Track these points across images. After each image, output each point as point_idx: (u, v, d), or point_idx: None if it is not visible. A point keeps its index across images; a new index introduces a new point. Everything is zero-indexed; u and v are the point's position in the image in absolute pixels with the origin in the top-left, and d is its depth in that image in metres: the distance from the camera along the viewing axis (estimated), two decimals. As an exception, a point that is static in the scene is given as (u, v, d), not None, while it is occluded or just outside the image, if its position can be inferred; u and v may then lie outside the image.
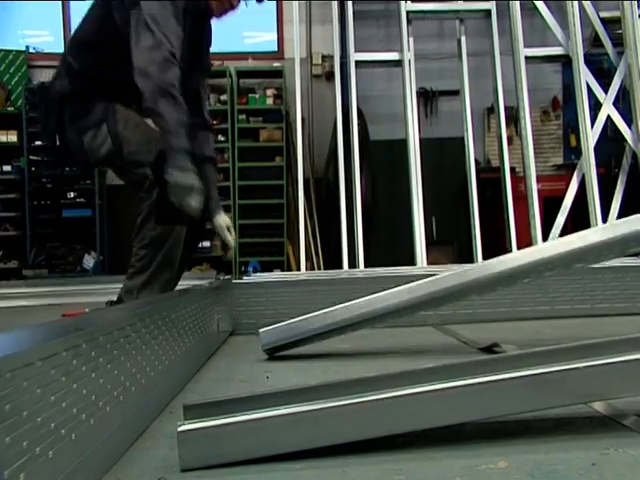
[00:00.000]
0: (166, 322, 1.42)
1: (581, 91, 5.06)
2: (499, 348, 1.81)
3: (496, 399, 0.90)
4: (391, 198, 6.40)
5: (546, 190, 5.66)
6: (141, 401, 1.15)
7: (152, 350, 1.26)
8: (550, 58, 5.56)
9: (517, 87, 5.24)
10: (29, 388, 0.70)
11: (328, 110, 6.36)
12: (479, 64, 6.04)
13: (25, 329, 0.87)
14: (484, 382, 0.89)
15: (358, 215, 5.08)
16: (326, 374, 1.62)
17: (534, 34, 5.86)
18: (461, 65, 5.38)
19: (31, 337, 0.79)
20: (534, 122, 5.95)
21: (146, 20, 1.88)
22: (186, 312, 1.66)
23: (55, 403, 0.77)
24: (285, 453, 0.89)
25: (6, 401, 0.64)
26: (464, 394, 0.90)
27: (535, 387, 0.89)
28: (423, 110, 6.91)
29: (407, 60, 5.33)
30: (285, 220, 6.53)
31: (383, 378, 0.97)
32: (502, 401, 0.90)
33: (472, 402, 0.90)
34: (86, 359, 0.88)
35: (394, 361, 1.79)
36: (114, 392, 1.00)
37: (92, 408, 0.89)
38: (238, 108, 6.74)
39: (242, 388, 1.49)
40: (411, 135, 5.22)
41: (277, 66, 6.74)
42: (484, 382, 0.89)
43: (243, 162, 6.68)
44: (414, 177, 5.15)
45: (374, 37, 6.62)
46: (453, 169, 6.34)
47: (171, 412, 1.24)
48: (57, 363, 0.78)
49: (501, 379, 0.89)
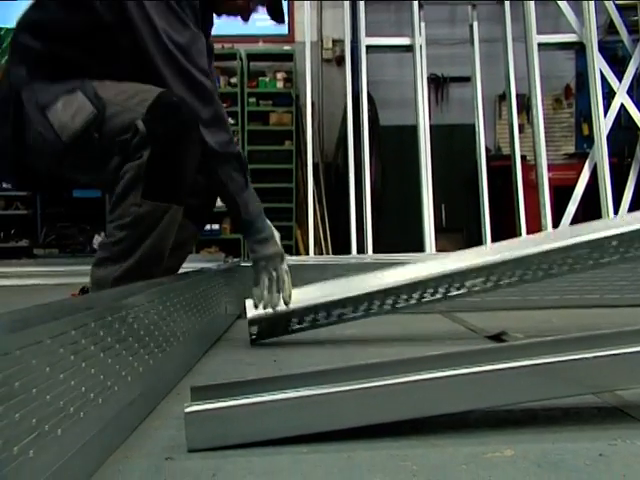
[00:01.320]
0: (174, 303, 1.43)
1: (595, 79, 5.00)
2: (507, 336, 1.81)
3: (503, 388, 0.90)
4: (400, 184, 6.38)
5: (557, 179, 5.62)
6: (149, 382, 1.15)
7: (160, 331, 1.27)
8: (563, 45, 5.50)
9: (529, 74, 5.18)
10: (38, 366, 0.70)
11: (338, 95, 6.33)
12: (491, 50, 5.98)
13: (34, 308, 0.87)
14: (491, 370, 0.89)
15: (367, 200, 5.07)
16: (332, 359, 1.62)
17: (547, 20, 5.79)
18: (473, 51, 5.32)
19: (40, 315, 0.79)
20: (546, 110, 5.89)
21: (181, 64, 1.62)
22: (194, 294, 1.66)
23: (64, 381, 0.77)
24: (291, 437, 0.90)
25: (15, 378, 0.65)
26: (471, 382, 0.90)
27: (543, 376, 0.88)
28: (434, 96, 6.86)
29: (418, 45, 5.28)
30: (294, 204, 6.53)
31: (389, 364, 0.97)
32: (509, 390, 0.90)
33: (478, 390, 0.90)
34: (95, 338, 0.88)
35: (400, 347, 1.79)
36: (122, 372, 1.00)
37: (100, 387, 0.90)
38: (248, 91, 6.72)
39: (249, 371, 1.50)
40: (421, 121, 5.19)
41: (287, 49, 6.70)
42: (491, 370, 0.89)
43: (252, 145, 6.66)
44: (424, 163, 5.12)
45: (385, 22, 6.57)
46: (463, 156, 6.30)
47: (178, 394, 1.25)
48: (66, 342, 0.78)
49: (508, 367, 0.89)
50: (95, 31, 1.65)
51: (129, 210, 1.57)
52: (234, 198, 1.73)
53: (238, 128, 6.63)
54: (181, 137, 1.57)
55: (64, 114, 1.60)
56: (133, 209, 1.57)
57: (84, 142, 1.60)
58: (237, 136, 6.63)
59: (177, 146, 1.57)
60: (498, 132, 6.98)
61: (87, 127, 1.58)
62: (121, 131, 1.57)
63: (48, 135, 1.61)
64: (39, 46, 1.67)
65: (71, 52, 1.66)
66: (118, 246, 1.61)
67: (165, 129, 1.56)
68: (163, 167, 1.57)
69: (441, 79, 6.92)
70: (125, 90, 1.63)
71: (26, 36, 1.69)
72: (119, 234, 1.60)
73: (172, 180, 1.61)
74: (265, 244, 1.76)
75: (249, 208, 1.74)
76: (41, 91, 1.63)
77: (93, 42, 1.67)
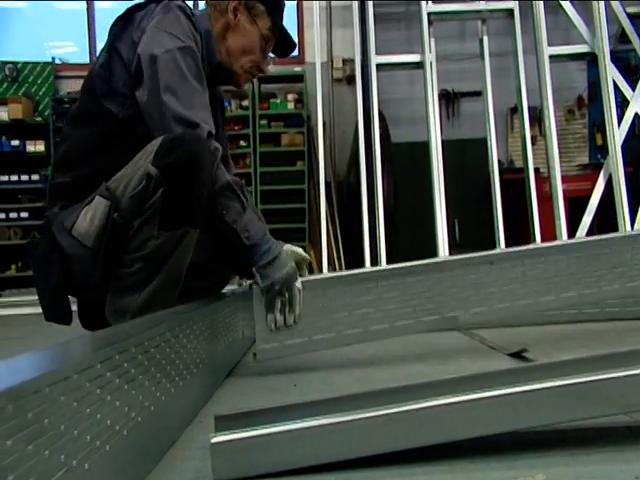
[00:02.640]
0: (194, 330, 1.43)
1: (607, 89, 4.98)
2: (528, 353, 1.79)
3: (532, 409, 0.89)
4: (413, 200, 6.37)
5: (571, 190, 5.58)
6: (172, 411, 1.15)
7: (181, 359, 1.27)
8: (575, 56, 5.48)
9: (541, 86, 5.17)
10: (66, 401, 0.70)
11: (349, 114, 6.35)
12: (502, 64, 5.99)
13: (60, 344, 0.87)
14: (520, 392, 0.88)
15: (380, 218, 5.06)
16: (354, 382, 1.61)
17: (558, 32, 5.78)
18: (483, 65, 5.33)
19: (67, 351, 0.79)
20: (559, 121, 5.88)
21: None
22: (212, 320, 1.66)
23: (90, 415, 0.77)
24: (318, 465, 0.89)
25: (44, 415, 0.65)
26: (499, 404, 0.88)
27: (573, 397, 0.87)
28: (445, 112, 6.87)
29: (428, 62, 5.30)
30: (307, 224, 6.54)
31: (413, 387, 0.96)
32: (539, 412, 0.88)
33: (507, 413, 0.89)
34: (119, 371, 0.88)
35: (421, 367, 1.77)
36: (145, 402, 1.00)
37: (125, 419, 0.90)
38: (260, 113, 6.77)
39: (271, 397, 1.49)
40: (433, 137, 5.19)
41: (298, 70, 6.75)
42: (520, 392, 0.88)
43: (265, 167, 6.70)
44: (436, 179, 5.11)
45: (395, 39, 6.60)
46: (476, 170, 6.29)
47: (201, 421, 1.24)
48: (92, 376, 0.79)
49: (537, 389, 0.88)
50: (112, 131, 1.71)
51: (147, 243, 1.59)
52: (232, 227, 1.67)
53: (250, 150, 6.67)
54: (192, 160, 1.57)
55: (83, 224, 1.63)
56: (151, 242, 1.59)
57: (110, 236, 1.61)
58: (249, 158, 6.67)
59: (189, 170, 1.57)
60: (510, 145, 6.97)
61: (106, 221, 1.60)
62: (137, 187, 1.59)
63: (78, 251, 1.63)
64: (67, 179, 1.74)
65: (91, 167, 1.70)
66: (136, 276, 1.62)
67: (175, 158, 1.56)
68: (178, 195, 1.57)
69: (452, 94, 6.92)
70: (130, 162, 1.65)
71: (57, 175, 1.79)
72: (137, 265, 1.61)
73: (187, 205, 1.60)
74: (274, 266, 1.69)
75: (250, 232, 1.68)
76: (67, 216, 1.68)
77: (111, 141, 1.71)
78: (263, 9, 1.86)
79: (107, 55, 1.73)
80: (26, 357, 0.74)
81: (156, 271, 1.62)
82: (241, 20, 1.85)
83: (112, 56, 1.72)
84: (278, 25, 1.89)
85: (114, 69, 1.72)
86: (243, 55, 1.87)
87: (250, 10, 1.85)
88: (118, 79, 1.71)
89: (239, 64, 1.87)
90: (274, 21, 1.88)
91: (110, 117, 1.71)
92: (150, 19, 1.71)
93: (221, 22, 1.85)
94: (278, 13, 1.89)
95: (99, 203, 1.62)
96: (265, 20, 1.86)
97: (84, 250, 1.62)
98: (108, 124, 1.72)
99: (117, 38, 1.73)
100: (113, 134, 1.72)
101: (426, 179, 5.21)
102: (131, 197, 1.59)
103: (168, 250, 1.61)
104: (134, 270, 1.61)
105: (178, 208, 1.59)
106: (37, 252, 1.72)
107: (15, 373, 0.64)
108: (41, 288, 1.72)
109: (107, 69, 1.72)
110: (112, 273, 1.64)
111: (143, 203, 1.58)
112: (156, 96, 1.63)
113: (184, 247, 1.64)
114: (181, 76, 1.66)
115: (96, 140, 1.73)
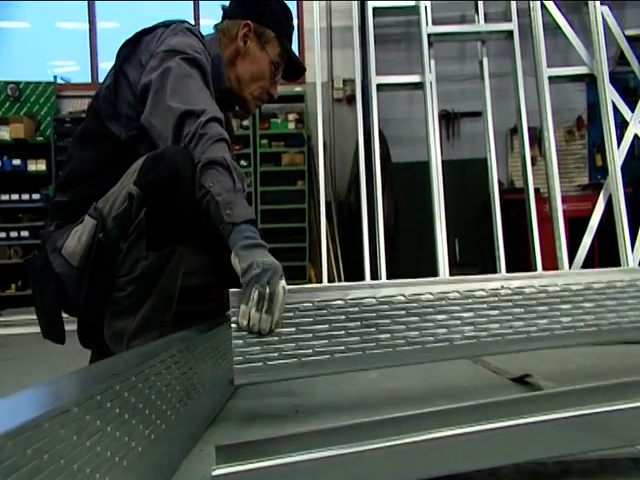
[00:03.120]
0: (195, 356, 1.42)
1: (607, 110, 5.01)
2: (531, 378, 1.78)
3: (536, 442, 0.88)
4: (413, 220, 6.38)
5: (572, 210, 5.60)
6: (171, 439, 1.14)
7: (182, 385, 1.26)
8: (574, 78, 5.52)
9: (540, 107, 5.20)
10: (66, 435, 0.70)
11: (349, 133, 6.38)
12: (501, 85, 6.04)
13: (60, 378, 0.87)
14: (524, 424, 0.87)
15: (381, 238, 5.06)
16: (356, 407, 1.59)
17: (557, 53, 5.84)
18: (483, 86, 5.37)
19: (67, 384, 0.79)
20: (558, 142, 5.91)
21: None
22: (212, 345, 1.65)
23: (90, 448, 0.76)
24: (320, 496, 0.88)
25: (44, 450, 0.64)
26: (502, 437, 0.87)
27: (578, 429, 0.86)
28: (445, 132, 6.90)
29: (428, 82, 5.33)
30: (307, 244, 6.54)
31: (417, 417, 0.95)
32: (543, 444, 0.87)
33: (511, 445, 0.88)
34: (120, 401, 0.88)
35: (422, 391, 1.76)
36: (145, 431, 0.99)
37: (125, 449, 0.88)
38: (260, 133, 6.80)
39: (272, 423, 1.47)
40: (433, 157, 5.21)
41: (298, 91, 6.80)
42: (524, 424, 0.87)
43: (265, 186, 6.72)
44: (437, 199, 5.12)
45: (395, 60, 6.65)
46: (476, 190, 6.31)
47: (201, 450, 1.23)
48: (92, 407, 0.78)
49: (541, 421, 0.87)
50: (114, 153, 1.71)
51: (136, 265, 1.57)
52: (215, 200, 1.45)
53: (251, 170, 6.69)
54: (171, 175, 1.52)
55: (72, 243, 1.64)
56: (140, 263, 1.57)
57: (96, 256, 1.60)
58: (250, 177, 6.69)
59: (169, 185, 1.53)
60: (510, 165, 6.99)
61: (92, 241, 1.60)
62: (120, 207, 1.58)
63: (65, 271, 1.64)
64: (65, 198, 1.75)
65: (91, 188, 1.70)
66: (129, 299, 1.60)
67: (155, 176, 1.53)
68: (161, 212, 1.54)
69: (452, 115, 6.96)
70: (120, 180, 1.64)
71: (57, 194, 1.79)
72: (129, 288, 1.60)
73: (173, 223, 1.57)
74: (256, 251, 1.39)
75: (233, 211, 1.43)
76: (60, 235, 1.68)
77: (113, 163, 1.70)
78: (273, 35, 1.86)
79: (114, 77, 1.74)
80: (27, 394, 0.73)
81: (148, 292, 1.59)
82: (251, 47, 1.85)
83: (119, 78, 1.73)
84: (287, 50, 1.89)
85: (120, 91, 1.72)
86: (253, 82, 1.87)
87: (260, 37, 1.85)
88: (123, 101, 1.72)
89: (249, 91, 1.87)
90: (284, 47, 1.88)
91: (112, 138, 1.72)
92: (158, 43, 1.71)
93: (230, 49, 1.85)
94: (287, 38, 1.90)
95: (87, 222, 1.62)
96: (275, 46, 1.87)
97: (70, 269, 1.63)
98: (110, 145, 1.72)
99: (125, 61, 1.74)
100: (115, 156, 1.72)
101: (426, 199, 5.22)
102: (113, 218, 1.59)
103: (157, 270, 1.58)
104: (127, 293, 1.60)
105: (163, 226, 1.56)
106: (34, 269, 1.72)
107: (16, 411, 0.63)
108: (38, 305, 1.72)
109: (113, 91, 1.73)
110: (107, 297, 1.63)
111: (127, 224, 1.57)
112: (162, 103, 1.61)
113: (174, 265, 1.60)
114: (187, 81, 1.64)
115: (98, 161, 1.74)
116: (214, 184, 1.46)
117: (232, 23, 1.87)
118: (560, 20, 5.42)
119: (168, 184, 1.52)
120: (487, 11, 5.69)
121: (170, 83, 1.61)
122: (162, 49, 1.69)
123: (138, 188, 1.54)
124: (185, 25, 1.78)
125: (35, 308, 1.73)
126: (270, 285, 1.34)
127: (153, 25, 1.79)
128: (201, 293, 1.82)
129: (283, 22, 1.89)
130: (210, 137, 1.53)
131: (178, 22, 1.79)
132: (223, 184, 1.46)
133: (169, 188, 1.52)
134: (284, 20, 1.90)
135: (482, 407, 0.93)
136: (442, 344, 1.54)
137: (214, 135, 1.54)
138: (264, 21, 1.85)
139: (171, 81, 1.61)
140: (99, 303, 1.64)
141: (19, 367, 2.65)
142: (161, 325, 1.62)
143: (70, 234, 1.65)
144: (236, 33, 1.84)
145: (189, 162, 1.53)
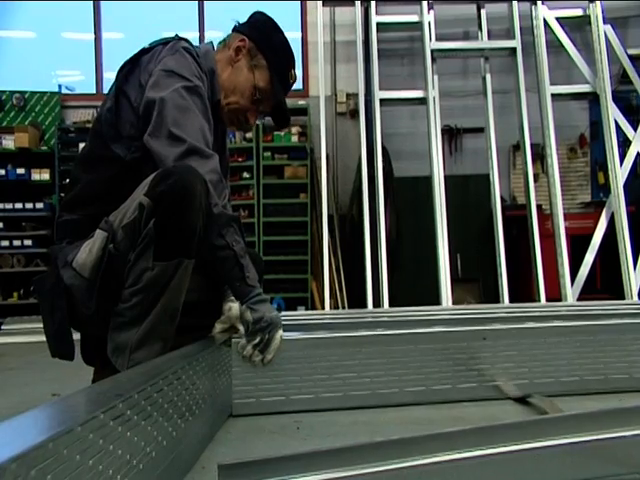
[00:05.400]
0: (197, 371, 1.41)
1: (609, 128, 5.03)
2: (533, 398, 1.77)
3: (540, 467, 0.87)
4: (415, 235, 6.38)
5: (574, 228, 5.59)
6: (173, 455, 1.13)
7: (183, 401, 1.25)
8: (577, 95, 5.55)
9: (543, 124, 5.23)
10: (69, 455, 0.69)
11: (352, 147, 6.41)
12: (504, 101, 6.06)
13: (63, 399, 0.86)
14: (528, 449, 0.86)
15: (383, 252, 5.07)
16: (356, 426, 1.58)
17: (560, 71, 5.86)
18: (486, 102, 5.40)
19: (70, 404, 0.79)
20: (561, 159, 5.92)
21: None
22: (213, 360, 1.65)
23: (93, 467, 0.76)
24: (322, 519, 0.87)
25: (48, 471, 0.64)
26: (506, 461, 0.87)
27: (581, 455, 0.86)
28: (447, 147, 6.92)
29: (432, 98, 5.36)
30: (309, 256, 6.54)
31: (419, 440, 0.94)
32: (546, 469, 0.87)
33: (514, 470, 0.87)
34: (122, 419, 0.87)
35: (426, 410, 1.75)
36: (147, 448, 0.99)
37: (127, 467, 0.88)
38: (263, 145, 6.81)
39: (273, 440, 1.47)
40: (436, 172, 5.23)
41: (302, 104, 6.82)
42: (528, 449, 0.86)
43: (268, 199, 6.73)
44: (439, 214, 5.13)
45: (398, 75, 6.69)
46: (478, 206, 6.32)
47: (203, 467, 1.22)
48: (95, 426, 0.78)
49: (544, 446, 0.86)
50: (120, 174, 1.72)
51: (142, 276, 1.57)
52: (239, 261, 1.65)
53: (254, 182, 6.71)
54: (182, 188, 1.55)
55: (82, 255, 1.64)
56: (146, 274, 1.56)
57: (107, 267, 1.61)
58: (252, 190, 6.70)
59: (179, 197, 1.55)
60: (513, 182, 7.00)
61: (102, 253, 1.61)
62: (130, 217, 1.59)
63: (75, 282, 1.64)
64: (75, 216, 1.76)
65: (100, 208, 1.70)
66: (134, 310, 1.59)
67: (165, 186, 1.55)
68: (170, 223, 1.55)
69: (454, 130, 6.99)
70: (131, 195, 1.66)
71: (63, 214, 1.80)
72: (135, 299, 1.58)
73: (180, 234, 1.57)
74: (265, 306, 1.69)
75: (250, 273, 1.67)
76: (71, 250, 1.69)
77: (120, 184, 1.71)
78: (264, 64, 1.87)
79: (114, 99, 1.75)
80: (31, 415, 0.73)
81: (153, 303, 1.58)
82: (241, 62, 1.88)
83: (120, 100, 1.74)
84: (278, 97, 1.91)
85: (121, 112, 1.74)
86: (231, 93, 1.88)
87: (252, 57, 1.88)
88: (125, 122, 1.73)
89: (226, 100, 1.89)
90: (272, 83, 1.88)
91: (118, 160, 1.73)
92: (157, 62, 1.73)
93: (224, 56, 1.89)
94: (279, 78, 1.89)
95: (98, 235, 1.63)
96: (264, 74, 1.87)
97: (81, 281, 1.63)
98: (116, 167, 1.74)
99: (125, 81, 1.75)
100: (121, 177, 1.73)
101: (428, 214, 5.24)
102: (123, 227, 1.59)
103: (163, 281, 1.58)
104: (132, 304, 1.59)
105: (171, 237, 1.56)
106: (44, 287, 1.71)
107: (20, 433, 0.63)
108: (48, 323, 1.71)
109: (114, 113, 1.74)
110: (112, 309, 1.62)
111: (136, 233, 1.57)
112: (164, 129, 1.64)
113: (180, 278, 1.60)
114: (187, 111, 1.68)
115: (105, 184, 1.75)
116: (235, 245, 1.65)
117: (234, 35, 1.93)
118: (563, 38, 5.46)
119: (178, 195, 1.55)
120: (490, 28, 5.75)
121: (172, 111, 1.65)
122: (160, 68, 1.71)
123: (149, 199, 1.57)
124: (182, 44, 1.80)
125: (44, 326, 1.73)
126: (269, 334, 1.70)
127: (151, 44, 1.82)
128: (199, 309, 1.82)
129: (279, 57, 1.90)
130: (226, 195, 1.72)
131: (175, 39, 1.82)
132: (241, 245, 1.67)
133: (179, 199, 1.55)
134: (281, 56, 1.91)
135: (487, 431, 0.92)
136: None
137: (227, 194, 1.73)
138: (260, 46, 1.88)
139: (173, 109, 1.66)
140: (108, 314, 1.64)
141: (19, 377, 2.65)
142: (164, 338, 1.61)
143: (81, 248, 1.66)
144: (232, 43, 1.89)
145: (199, 179, 1.59)
